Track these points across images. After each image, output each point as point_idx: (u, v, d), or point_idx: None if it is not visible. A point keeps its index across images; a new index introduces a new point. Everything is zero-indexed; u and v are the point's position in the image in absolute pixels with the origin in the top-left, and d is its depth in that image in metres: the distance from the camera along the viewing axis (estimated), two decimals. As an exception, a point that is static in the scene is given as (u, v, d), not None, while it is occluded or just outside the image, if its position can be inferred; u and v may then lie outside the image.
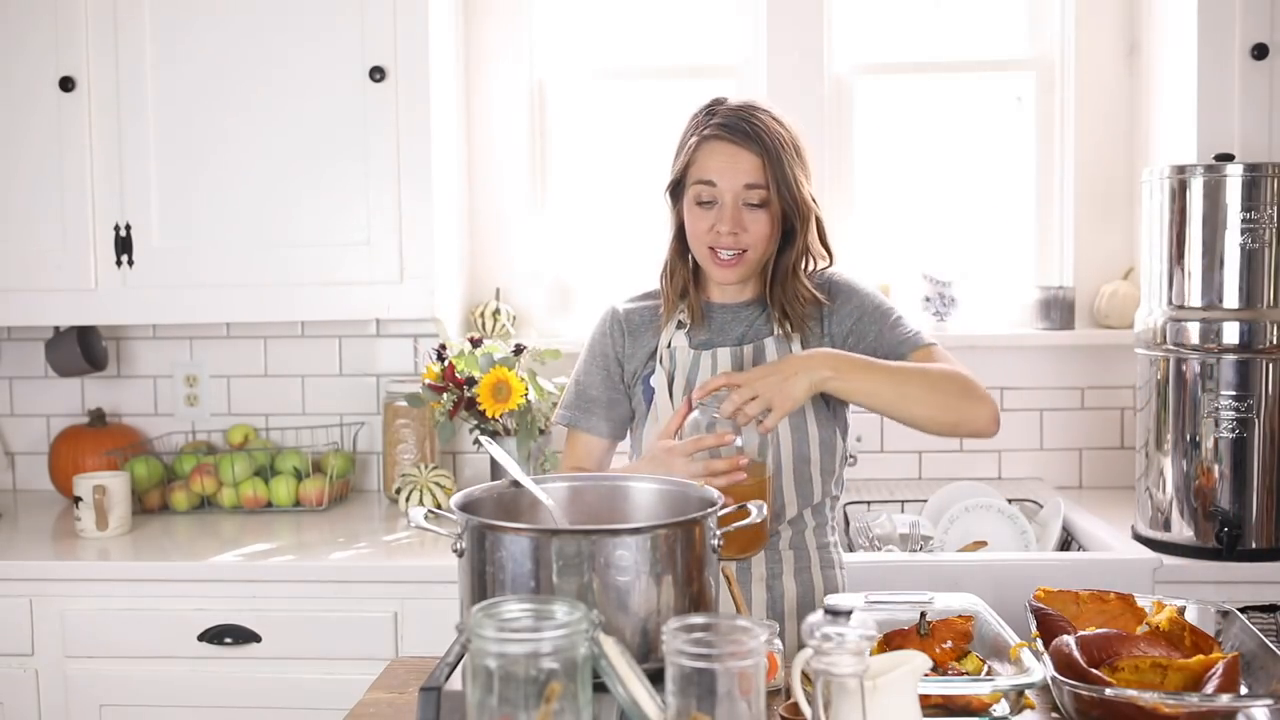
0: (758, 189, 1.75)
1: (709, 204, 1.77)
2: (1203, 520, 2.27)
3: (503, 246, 2.97)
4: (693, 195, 1.78)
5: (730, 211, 1.75)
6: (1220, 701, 1.32)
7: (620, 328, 1.91)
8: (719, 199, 1.76)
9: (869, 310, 1.83)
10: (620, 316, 1.92)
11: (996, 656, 1.48)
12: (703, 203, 1.77)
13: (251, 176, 2.58)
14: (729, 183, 1.75)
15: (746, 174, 1.75)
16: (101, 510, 2.50)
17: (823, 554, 1.85)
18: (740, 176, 1.75)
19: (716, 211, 1.76)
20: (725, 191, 1.75)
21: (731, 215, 1.75)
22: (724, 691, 1.04)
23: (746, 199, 1.75)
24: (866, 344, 1.81)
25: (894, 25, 2.95)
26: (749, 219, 1.76)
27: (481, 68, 2.94)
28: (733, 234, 1.75)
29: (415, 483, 2.65)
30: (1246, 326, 2.22)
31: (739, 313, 1.86)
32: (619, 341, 1.90)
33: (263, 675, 2.30)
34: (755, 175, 1.74)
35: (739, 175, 1.75)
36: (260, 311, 2.63)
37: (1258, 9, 2.36)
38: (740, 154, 1.75)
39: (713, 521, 1.38)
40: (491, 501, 1.49)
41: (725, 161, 1.75)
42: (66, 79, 2.56)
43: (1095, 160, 2.87)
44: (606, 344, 1.91)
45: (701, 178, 1.77)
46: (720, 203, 1.76)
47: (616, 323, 1.91)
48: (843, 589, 1.87)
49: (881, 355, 1.78)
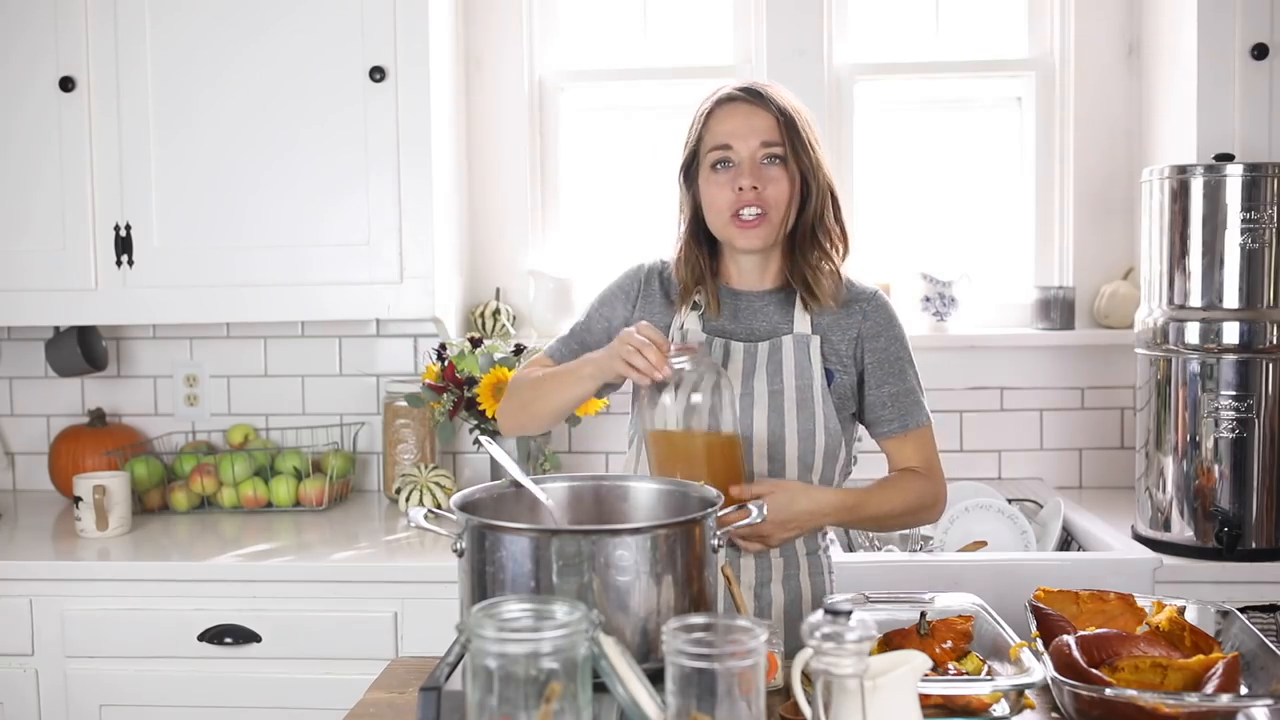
0: (774, 146, 1.74)
1: (726, 165, 1.75)
2: (1203, 520, 2.27)
3: (503, 246, 2.97)
4: (709, 162, 1.76)
5: (749, 167, 1.73)
6: (1220, 701, 1.32)
7: (641, 285, 1.88)
8: (736, 160, 1.74)
9: (893, 361, 1.83)
10: (644, 275, 1.89)
11: (996, 656, 1.48)
12: (720, 165, 1.75)
13: (252, 176, 2.58)
14: (745, 143, 1.74)
15: (762, 132, 1.74)
16: (101, 510, 2.50)
17: (811, 560, 1.83)
18: (756, 135, 1.74)
19: (734, 172, 1.74)
20: (742, 150, 1.74)
21: (750, 170, 1.73)
22: (724, 691, 1.04)
23: (764, 155, 1.74)
24: (880, 394, 1.82)
25: (894, 25, 2.96)
26: (768, 175, 1.74)
27: (481, 68, 2.94)
28: (754, 188, 1.72)
29: (415, 483, 2.65)
30: (1246, 326, 2.22)
31: (754, 302, 1.83)
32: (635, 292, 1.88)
33: (263, 675, 2.30)
34: (771, 133, 1.74)
35: (755, 134, 1.74)
36: (260, 311, 2.62)
37: (1258, 9, 2.36)
38: (755, 113, 1.74)
39: (713, 521, 1.38)
40: (491, 501, 1.49)
41: (740, 122, 1.74)
42: (66, 79, 2.56)
43: (1095, 160, 2.87)
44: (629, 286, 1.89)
45: (716, 142, 1.75)
46: (736, 162, 1.74)
47: (640, 279, 1.89)
48: (831, 594, 1.86)
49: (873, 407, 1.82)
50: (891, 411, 1.82)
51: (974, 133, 3.00)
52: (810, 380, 1.77)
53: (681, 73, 2.96)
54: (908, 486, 1.82)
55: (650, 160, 2.97)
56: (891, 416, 1.82)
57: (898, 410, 1.82)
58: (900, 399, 1.82)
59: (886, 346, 1.82)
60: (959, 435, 2.91)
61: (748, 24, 2.92)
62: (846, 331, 1.81)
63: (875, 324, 1.83)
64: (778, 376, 1.77)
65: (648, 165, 2.98)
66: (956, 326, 2.87)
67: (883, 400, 1.82)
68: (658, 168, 2.93)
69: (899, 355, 1.83)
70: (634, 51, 3.00)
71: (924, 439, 1.84)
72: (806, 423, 1.77)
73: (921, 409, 1.84)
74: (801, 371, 1.77)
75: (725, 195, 1.75)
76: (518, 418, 1.86)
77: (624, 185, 3.01)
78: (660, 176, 1.87)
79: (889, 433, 1.83)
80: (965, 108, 3.00)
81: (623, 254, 2.93)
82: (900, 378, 1.83)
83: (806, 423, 1.77)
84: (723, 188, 1.75)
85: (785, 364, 1.78)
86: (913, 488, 1.82)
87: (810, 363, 1.78)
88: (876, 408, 1.82)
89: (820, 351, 1.79)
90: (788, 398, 1.76)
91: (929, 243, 2.98)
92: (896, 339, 1.84)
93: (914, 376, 1.85)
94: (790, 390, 1.77)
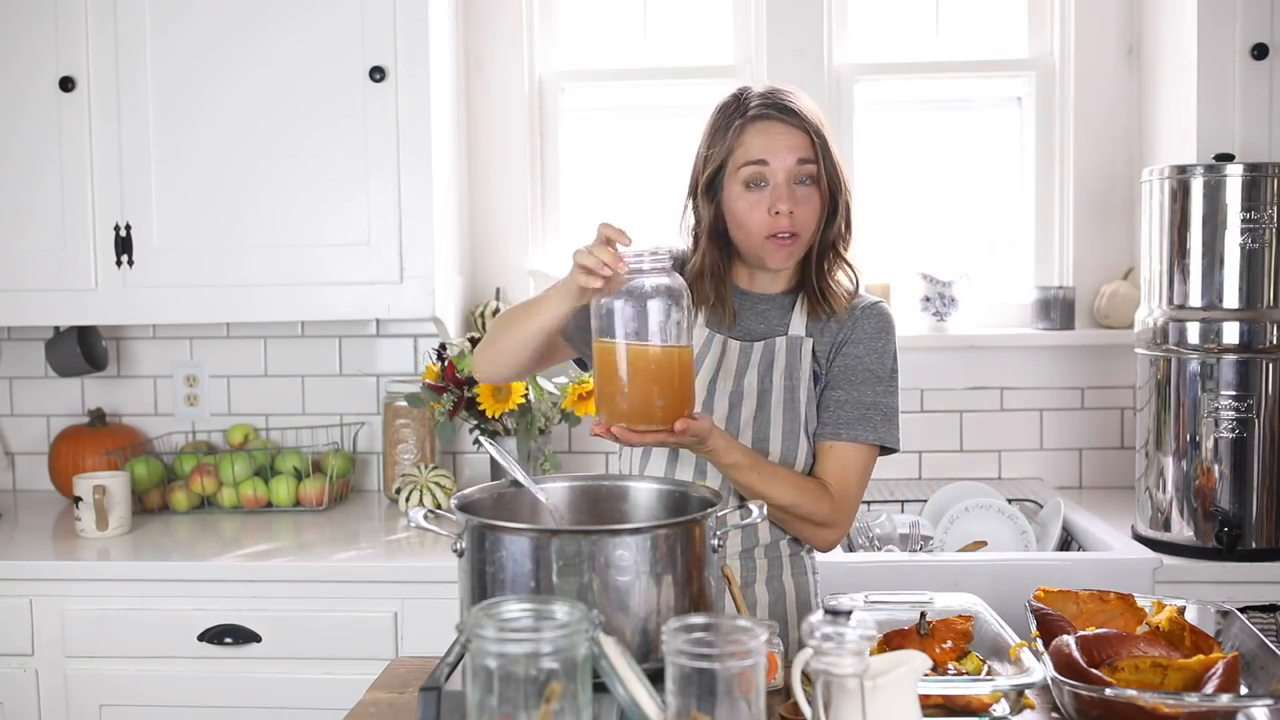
0: (809, 164, 1.72)
1: (760, 184, 1.72)
2: (1203, 520, 2.27)
3: (503, 246, 2.97)
4: (741, 179, 1.73)
5: (785, 190, 1.71)
6: (1220, 701, 1.32)
7: None
8: (770, 179, 1.71)
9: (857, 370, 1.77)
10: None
11: (996, 656, 1.48)
12: (753, 185, 1.72)
13: (252, 176, 2.58)
14: (781, 160, 1.71)
15: (798, 150, 1.71)
16: (101, 510, 2.50)
17: (794, 561, 1.82)
18: (793, 153, 1.71)
19: (771, 192, 1.71)
20: (778, 170, 1.71)
21: (787, 192, 1.71)
22: (724, 691, 1.04)
23: (799, 175, 1.72)
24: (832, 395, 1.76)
25: (893, 25, 2.96)
26: (800, 196, 1.72)
27: (481, 68, 2.94)
28: (791, 212, 1.70)
29: (415, 483, 2.65)
30: (1246, 326, 2.22)
31: (758, 304, 1.82)
32: None
33: (263, 675, 2.30)
34: (806, 151, 1.72)
35: (791, 151, 1.71)
36: (260, 311, 2.62)
37: (1258, 9, 2.36)
38: (790, 131, 1.72)
39: (713, 521, 1.38)
40: (491, 501, 1.49)
41: (775, 140, 1.72)
42: (66, 79, 2.56)
43: (1095, 160, 2.87)
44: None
45: (751, 158, 1.72)
46: (773, 182, 1.71)
47: None
48: (815, 594, 1.83)
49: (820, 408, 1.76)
50: (830, 415, 1.76)
51: (974, 133, 3.00)
52: (798, 381, 1.76)
53: (682, 73, 2.96)
54: (802, 489, 1.72)
55: (650, 160, 2.97)
56: (827, 420, 1.76)
57: (837, 417, 1.75)
58: (846, 407, 1.76)
59: (862, 355, 1.78)
60: (959, 435, 2.91)
61: (748, 24, 2.92)
62: (835, 336, 1.79)
63: (861, 331, 1.79)
64: (768, 376, 1.76)
65: (648, 165, 2.98)
66: (956, 326, 2.87)
67: (828, 404, 1.76)
68: (658, 168, 2.94)
69: (870, 367, 1.77)
70: (634, 52, 3.00)
71: (851, 457, 1.75)
72: (791, 423, 1.76)
73: (868, 427, 1.75)
74: (791, 372, 1.77)
75: (759, 215, 1.72)
76: (485, 353, 1.77)
77: (624, 185, 3.01)
78: (660, 177, 1.86)
79: (819, 435, 1.76)
80: (965, 108, 3.00)
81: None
82: (858, 387, 1.76)
83: (791, 423, 1.76)
84: (757, 207, 1.72)
85: (777, 364, 1.77)
86: (806, 494, 1.71)
87: (800, 364, 1.77)
88: (821, 410, 1.77)
89: (812, 353, 1.78)
90: (775, 398, 1.76)
91: (929, 243, 2.98)
92: (875, 351, 1.78)
93: (881, 394, 1.76)
94: (778, 390, 1.76)
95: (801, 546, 1.84)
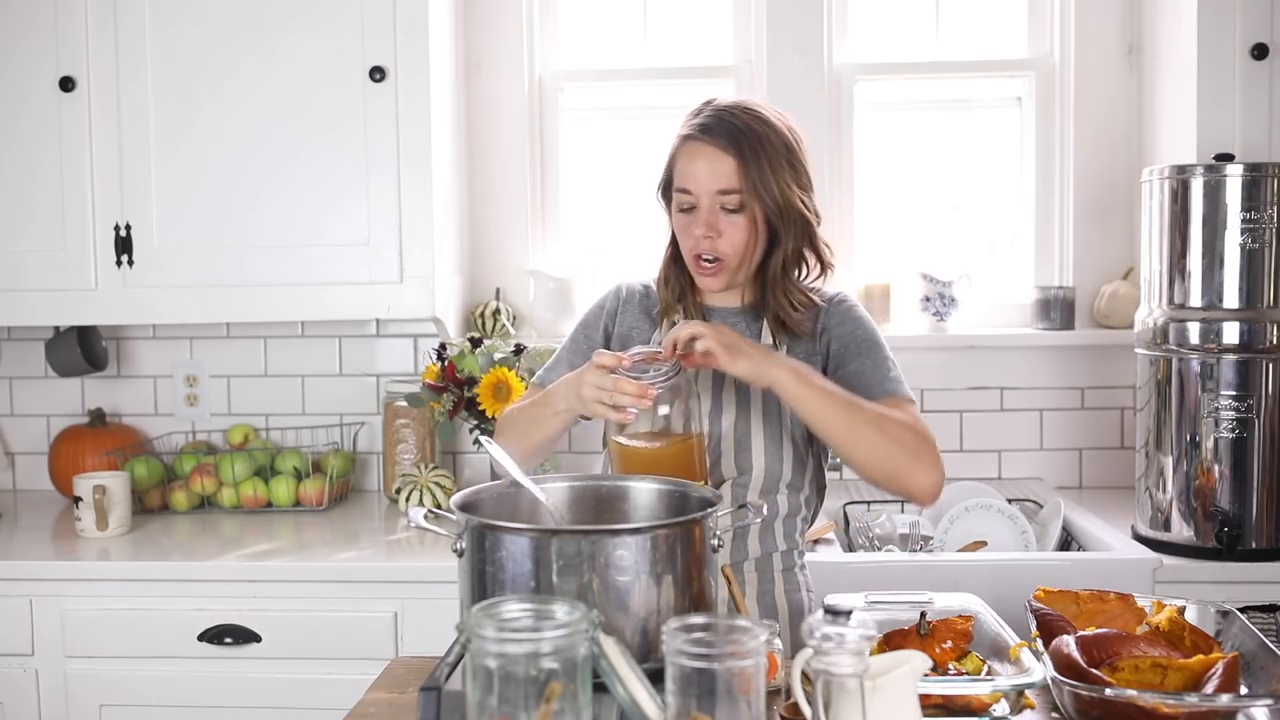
0: (732, 194, 1.69)
1: (688, 210, 1.74)
2: (1203, 520, 2.27)
3: (503, 246, 2.97)
4: (675, 203, 1.76)
5: (705, 216, 1.71)
6: (1220, 701, 1.32)
7: (620, 303, 1.88)
8: (696, 204, 1.72)
9: (860, 340, 1.77)
10: (623, 294, 1.89)
11: (996, 656, 1.48)
12: (683, 209, 1.74)
13: (252, 176, 2.58)
14: (702, 187, 1.71)
15: (720, 178, 1.69)
16: (101, 510, 2.50)
17: (788, 577, 1.80)
18: (714, 181, 1.69)
19: (694, 217, 1.72)
20: (701, 196, 1.71)
21: (706, 220, 1.70)
22: (724, 691, 1.04)
23: (722, 204, 1.70)
24: (846, 372, 1.74)
25: (894, 25, 2.96)
26: (725, 224, 1.71)
27: (481, 68, 2.94)
28: (708, 238, 1.70)
29: (415, 483, 2.65)
30: (1246, 326, 2.22)
31: (728, 318, 1.82)
32: (615, 311, 1.88)
33: (263, 675, 2.30)
34: (729, 180, 1.69)
35: (713, 179, 1.69)
36: (260, 311, 2.62)
37: (1258, 9, 2.36)
38: (715, 156, 1.69)
39: (712, 521, 1.38)
40: (491, 501, 1.49)
41: (699, 166, 1.71)
42: (66, 79, 2.56)
43: (1095, 160, 2.87)
44: (609, 306, 1.88)
45: (679, 184, 1.74)
46: (697, 208, 1.72)
47: (619, 297, 1.89)
48: (809, 612, 1.81)
49: (857, 389, 1.69)
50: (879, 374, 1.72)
51: (974, 133, 3.00)
52: None
53: (681, 73, 2.96)
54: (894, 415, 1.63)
55: (650, 160, 2.96)
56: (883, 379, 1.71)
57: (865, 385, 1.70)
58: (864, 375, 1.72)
59: (852, 330, 1.77)
60: (959, 435, 2.91)
61: (748, 24, 2.92)
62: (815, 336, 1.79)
63: (836, 316, 1.79)
64: (746, 387, 1.75)
65: (648, 165, 2.96)
66: (956, 326, 2.87)
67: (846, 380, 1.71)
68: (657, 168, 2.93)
69: (864, 336, 1.76)
70: (634, 52, 3.00)
71: (902, 406, 1.69)
72: (773, 429, 1.76)
73: (899, 385, 1.72)
74: None
75: (687, 238, 1.75)
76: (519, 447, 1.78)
77: (624, 185, 3.01)
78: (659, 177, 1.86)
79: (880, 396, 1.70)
80: (965, 108, 3.00)
81: (623, 254, 2.97)
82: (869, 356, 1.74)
83: (773, 429, 1.76)
84: (685, 230, 1.75)
85: None
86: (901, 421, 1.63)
87: None
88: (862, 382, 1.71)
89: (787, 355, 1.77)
90: (754, 406, 1.76)
91: (929, 243, 2.98)
92: (858, 321, 1.78)
93: (886, 359, 1.75)
94: (757, 397, 1.76)
95: (796, 560, 1.83)
